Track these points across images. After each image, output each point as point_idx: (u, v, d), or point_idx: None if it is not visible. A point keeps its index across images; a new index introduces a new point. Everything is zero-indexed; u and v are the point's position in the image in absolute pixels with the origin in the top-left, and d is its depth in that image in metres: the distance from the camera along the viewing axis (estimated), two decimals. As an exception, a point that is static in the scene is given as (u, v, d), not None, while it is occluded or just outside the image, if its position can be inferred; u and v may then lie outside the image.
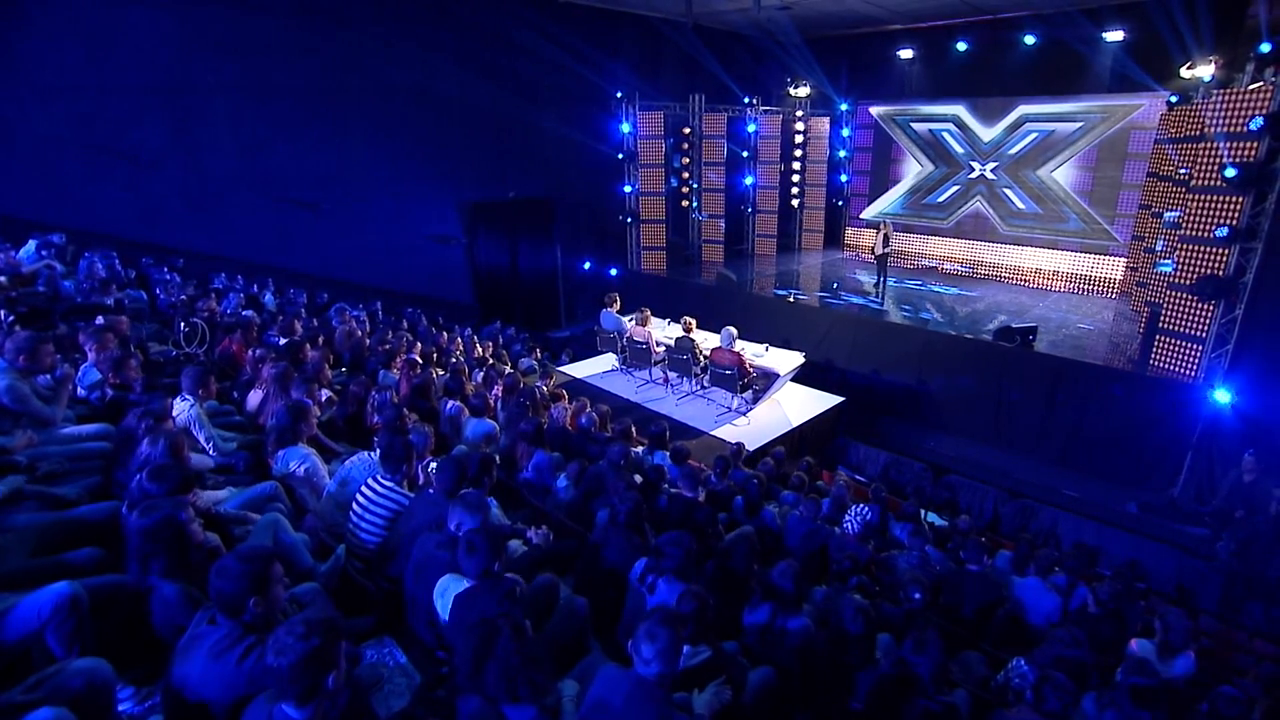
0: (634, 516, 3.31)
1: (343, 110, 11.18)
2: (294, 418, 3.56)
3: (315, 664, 1.68)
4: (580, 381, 9.38)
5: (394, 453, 3.30)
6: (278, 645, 1.68)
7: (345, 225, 11.66)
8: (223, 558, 1.96)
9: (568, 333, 15.17)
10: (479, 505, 2.80)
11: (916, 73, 15.05)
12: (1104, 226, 12.91)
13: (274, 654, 1.67)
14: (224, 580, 1.90)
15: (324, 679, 1.71)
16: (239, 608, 1.90)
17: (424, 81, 11.49)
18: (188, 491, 2.46)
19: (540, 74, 12.81)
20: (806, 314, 11.94)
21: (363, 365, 6.76)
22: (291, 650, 1.66)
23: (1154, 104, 11.93)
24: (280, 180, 11.05)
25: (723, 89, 14.80)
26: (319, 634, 1.69)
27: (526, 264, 14.56)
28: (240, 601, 1.89)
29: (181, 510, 2.18)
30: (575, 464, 4.60)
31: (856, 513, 4.86)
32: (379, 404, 4.69)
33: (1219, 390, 7.71)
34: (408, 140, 11.70)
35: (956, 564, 4.94)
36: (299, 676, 1.67)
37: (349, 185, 11.56)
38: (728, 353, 7.65)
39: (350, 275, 11.91)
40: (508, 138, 12.84)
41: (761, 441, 7.43)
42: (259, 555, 1.99)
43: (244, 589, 1.89)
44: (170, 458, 2.65)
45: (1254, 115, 7.18)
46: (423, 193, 12.06)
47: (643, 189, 14.33)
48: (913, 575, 3.66)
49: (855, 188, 16.79)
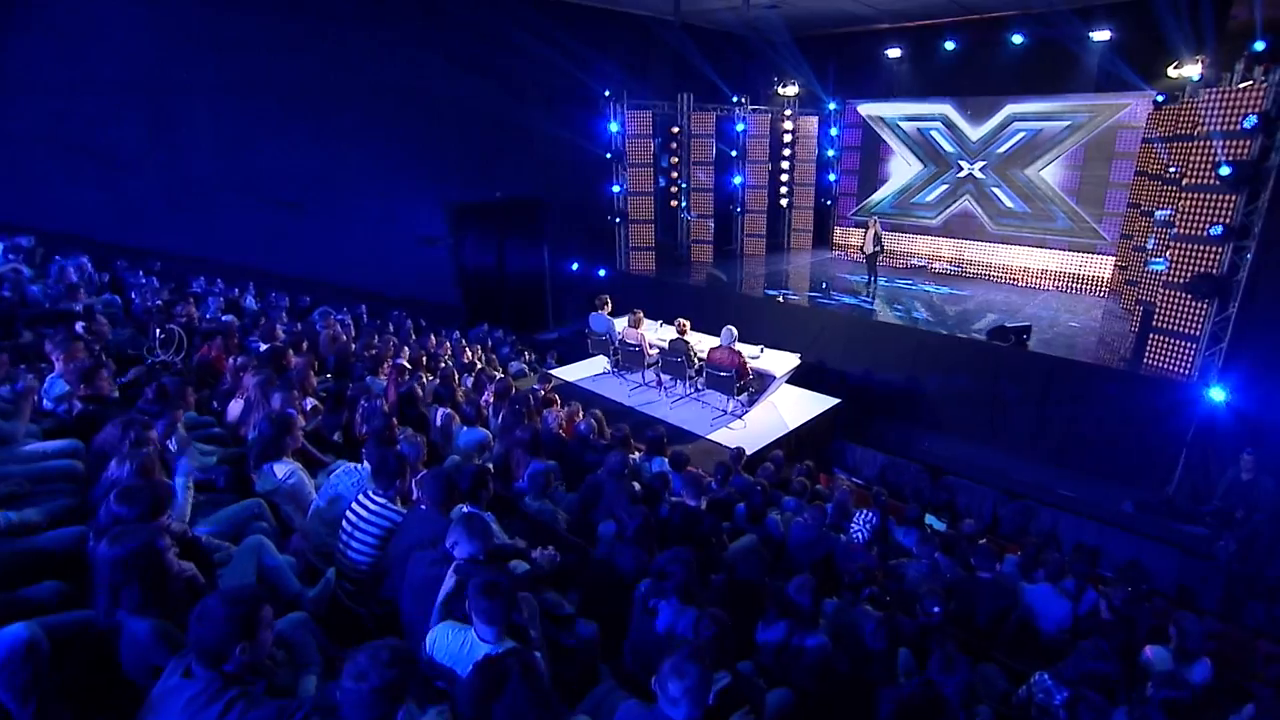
0: (642, 533, 3.15)
1: (328, 109, 10.90)
2: (278, 430, 3.35)
3: (390, 694, 1.66)
4: (572, 385, 9.20)
5: (386, 468, 3.10)
6: (356, 669, 1.65)
7: (329, 226, 11.39)
8: (205, 600, 1.75)
9: (555, 334, 14.97)
10: (482, 532, 2.61)
11: (904, 71, 15.02)
12: (1091, 225, 12.95)
13: (351, 678, 1.64)
14: (206, 626, 1.70)
15: (395, 713, 1.67)
16: (222, 656, 1.70)
17: (410, 79, 11.23)
18: (160, 514, 2.25)
19: (528, 72, 12.61)
20: (798, 314, 11.84)
21: (348, 371, 6.53)
22: (371, 676, 1.64)
23: (1140, 103, 11.98)
24: (263, 180, 10.76)
25: (711, 88, 14.67)
26: (400, 665, 1.68)
27: (513, 265, 14.34)
28: (224, 650, 1.70)
29: (158, 537, 1.98)
30: (540, 467, 4.38)
31: (863, 520, 4.73)
32: (367, 413, 4.48)
33: (1214, 389, 7.70)
34: (393, 139, 11.45)
35: (966, 571, 4.83)
36: (374, 704, 1.64)
37: (333, 185, 11.29)
38: (728, 353, 7.50)
39: (334, 277, 11.63)
40: (495, 137, 12.62)
41: (759, 445, 7.30)
42: (246, 598, 1.79)
43: (229, 635, 1.70)
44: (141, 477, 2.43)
45: (1247, 113, 7.16)
46: (408, 192, 11.81)
47: (631, 189, 14.16)
48: (929, 587, 3.53)
49: (844, 187, 16.74)
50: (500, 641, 2.15)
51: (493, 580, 2.18)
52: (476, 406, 6.05)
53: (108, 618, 1.94)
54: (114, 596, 1.90)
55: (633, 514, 3.22)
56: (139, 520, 2.15)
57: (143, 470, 2.47)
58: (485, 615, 2.14)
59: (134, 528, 2.01)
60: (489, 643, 2.14)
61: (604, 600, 3.18)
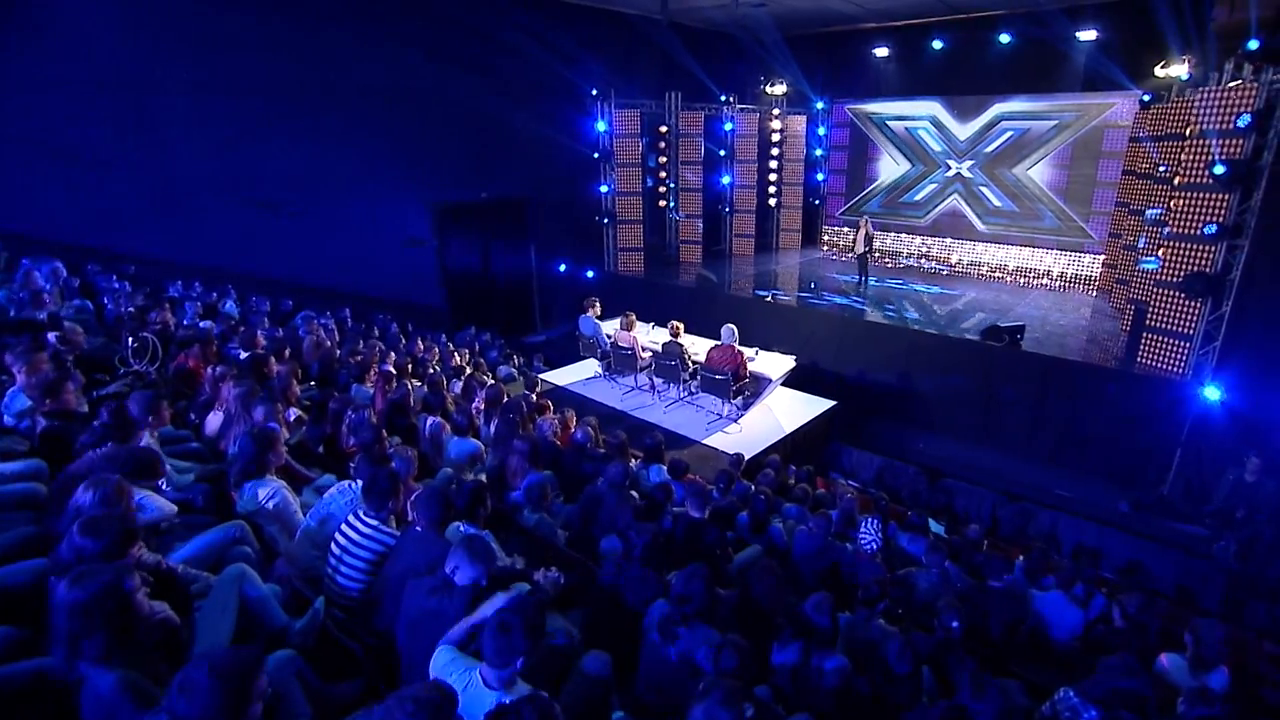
0: (651, 552, 2.97)
1: (311, 108, 10.59)
2: (260, 447, 3.13)
3: None
4: (562, 389, 8.99)
5: (378, 487, 2.89)
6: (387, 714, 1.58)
7: (311, 228, 11.08)
8: (190, 669, 1.51)
9: (543, 337, 14.77)
10: (485, 555, 2.42)
11: (892, 71, 15.00)
12: (1079, 224, 12.99)
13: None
14: (190, 700, 1.48)
15: None
16: (203, 735, 1.48)
17: (395, 78, 10.95)
18: (130, 547, 2.03)
19: (514, 71, 12.37)
20: (790, 315, 11.73)
21: (333, 378, 6.30)
22: None
23: (1127, 103, 12.03)
24: (244, 181, 10.44)
25: (698, 87, 14.54)
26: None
27: (500, 267, 14.10)
28: (207, 729, 1.48)
29: (126, 577, 1.77)
30: (537, 479, 4.19)
31: (871, 528, 4.60)
32: (354, 425, 4.26)
33: (1208, 388, 7.68)
34: (377, 139, 11.16)
35: (975, 578, 4.71)
36: None
37: (315, 186, 10.98)
38: (729, 352, 7.34)
39: (317, 280, 11.32)
40: (481, 136, 12.37)
41: (756, 449, 7.16)
42: (239, 669, 1.56)
43: (216, 711, 1.49)
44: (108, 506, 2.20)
45: (1241, 112, 7.15)
46: (393, 193, 11.53)
47: (619, 189, 13.99)
48: (947, 601, 3.39)
49: (832, 186, 16.69)
50: (510, 689, 1.96)
51: (507, 616, 1.97)
52: (467, 414, 5.84)
53: (67, 668, 1.72)
54: (73, 646, 1.69)
55: (640, 532, 3.05)
56: (105, 555, 1.93)
57: (110, 498, 2.24)
58: (495, 656, 1.94)
59: (98, 567, 1.79)
60: (495, 689, 1.95)
61: (610, 624, 3.00)
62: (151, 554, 2.23)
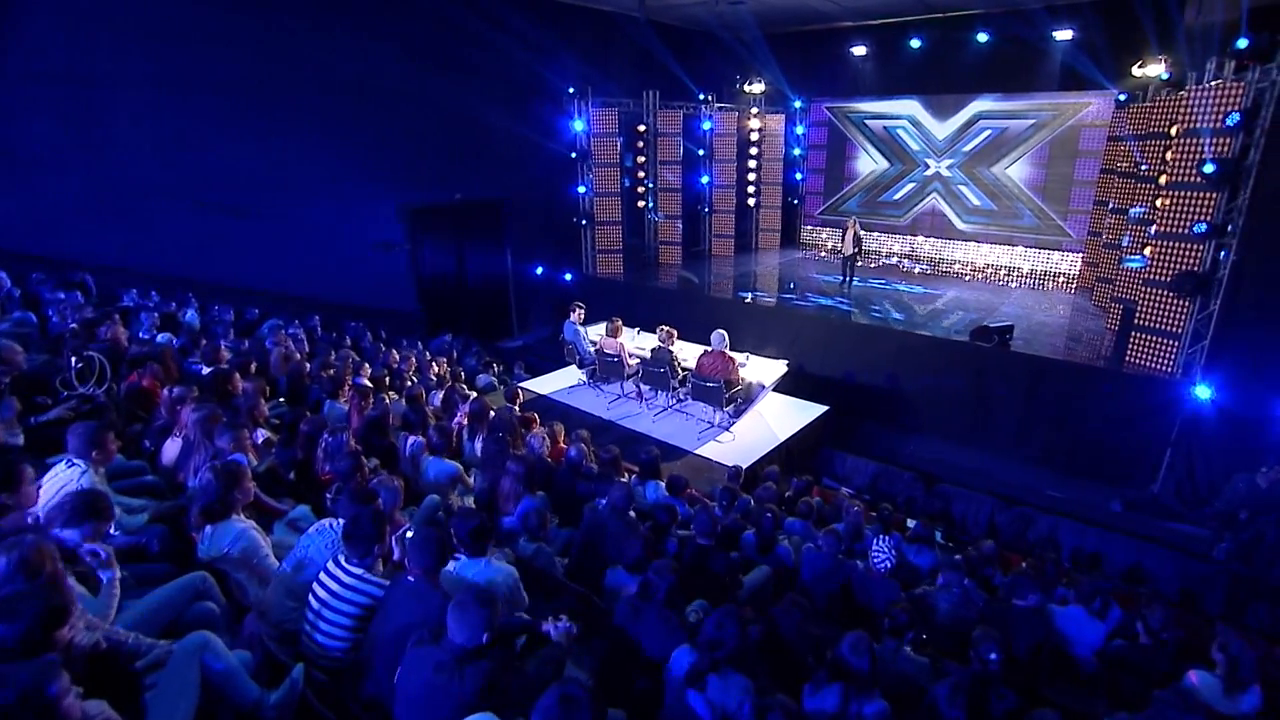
0: (675, 595, 2.68)
1: (274, 105, 10.06)
2: (225, 483, 2.75)
3: None
4: (545, 398, 8.65)
5: (361, 531, 2.54)
6: None
7: (277, 232, 10.55)
8: None
9: (520, 342, 14.38)
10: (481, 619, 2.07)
11: (870, 69, 14.92)
12: (1058, 222, 13.04)
13: None
14: None
15: None
16: None
17: (363, 74, 10.45)
18: (57, 628, 1.65)
19: (488, 68, 11.96)
20: (774, 317, 11.52)
21: (303, 395, 5.88)
22: None
23: (1103, 102, 12.11)
24: (203, 183, 9.88)
25: (676, 86, 14.29)
26: None
27: (474, 270, 13.68)
28: None
29: (50, 679, 1.41)
30: (533, 505, 3.87)
31: (884, 546, 4.37)
32: (330, 449, 3.88)
33: (1200, 386, 7.65)
34: (346, 138, 10.65)
35: (988, 592, 4.51)
36: None
37: (280, 188, 10.45)
38: (720, 358, 7.08)
39: (283, 287, 10.79)
40: (454, 136, 11.94)
41: (752, 459, 6.91)
42: None
43: None
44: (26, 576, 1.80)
45: (1230, 111, 7.12)
46: (362, 195, 11.03)
47: (597, 189, 13.66)
48: (986, 631, 3.16)
49: (810, 186, 16.57)
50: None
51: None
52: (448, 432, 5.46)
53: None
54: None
55: (661, 572, 2.75)
56: (23, 647, 1.55)
57: (30, 566, 1.84)
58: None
59: (12, 670, 1.43)
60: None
61: (625, 672, 2.71)
62: (89, 629, 1.85)
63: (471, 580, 2.93)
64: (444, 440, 4.63)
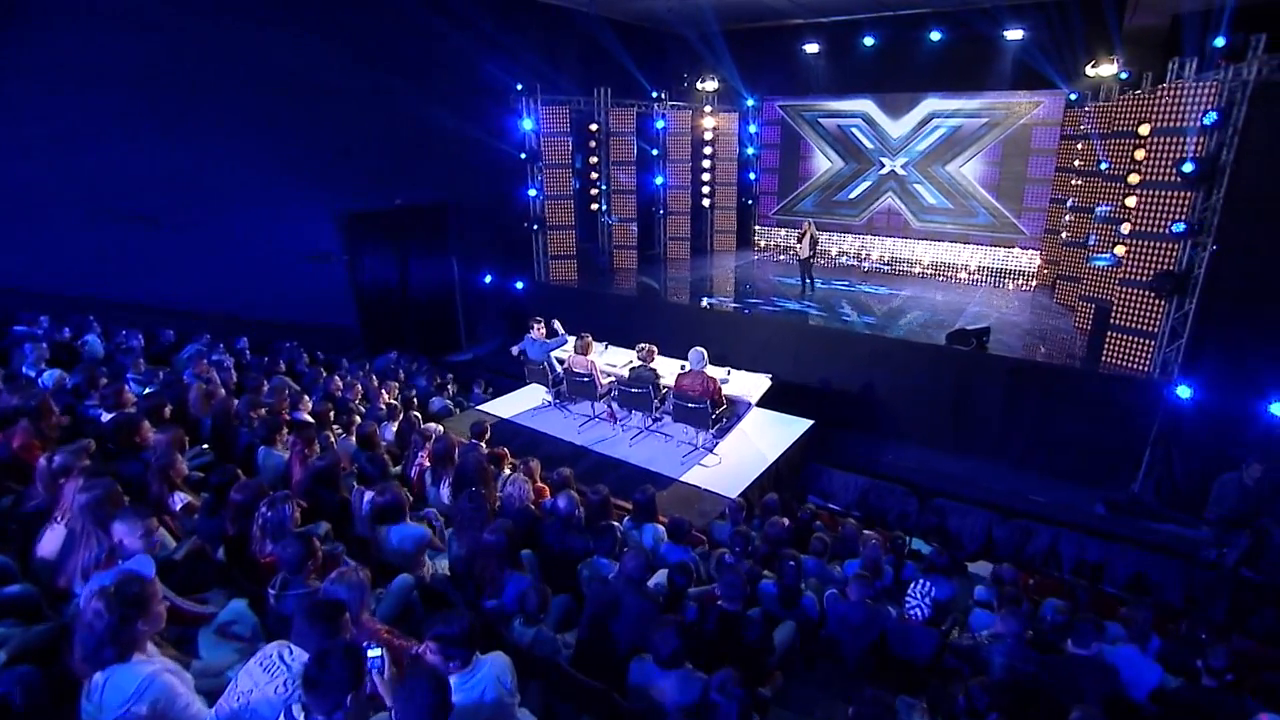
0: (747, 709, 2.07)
1: (188, 101, 8.90)
2: (123, 615, 1.97)
3: None
4: (509, 423, 7.88)
5: (330, 675, 1.82)
6: None
7: (195, 242, 9.42)
8: None
9: (470, 355, 13.52)
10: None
11: (823, 67, 14.72)
12: (1012, 220, 13.11)
13: None
14: None
15: None
16: None
17: (293, 68, 9.33)
18: None
19: (431, 62, 11.05)
20: (741, 324, 11.06)
21: (231, 438, 4.97)
22: None
23: (1053, 101, 12.20)
24: (105, 188, 8.68)
25: (626, 83, 13.70)
26: None
27: (418, 280, 12.72)
28: None
29: None
30: (525, 584, 3.19)
31: (919, 591, 3.89)
32: (270, 525, 3.09)
33: (1181, 387, 7.58)
34: (273, 138, 9.54)
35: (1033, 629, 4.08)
36: None
37: (198, 193, 9.31)
38: (700, 379, 6.50)
39: (204, 304, 9.66)
40: (394, 135, 10.97)
41: (743, 484, 6.36)
42: None
43: None
44: None
45: (1207, 110, 7.03)
46: (293, 200, 9.93)
47: (549, 192, 12.91)
48: (1086, 713, 2.68)
49: (764, 185, 16.25)
50: None
51: None
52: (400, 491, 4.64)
53: None
54: None
55: (728, 691, 2.13)
56: None
57: None
58: None
59: None
60: None
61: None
62: None
63: (466, 704, 2.26)
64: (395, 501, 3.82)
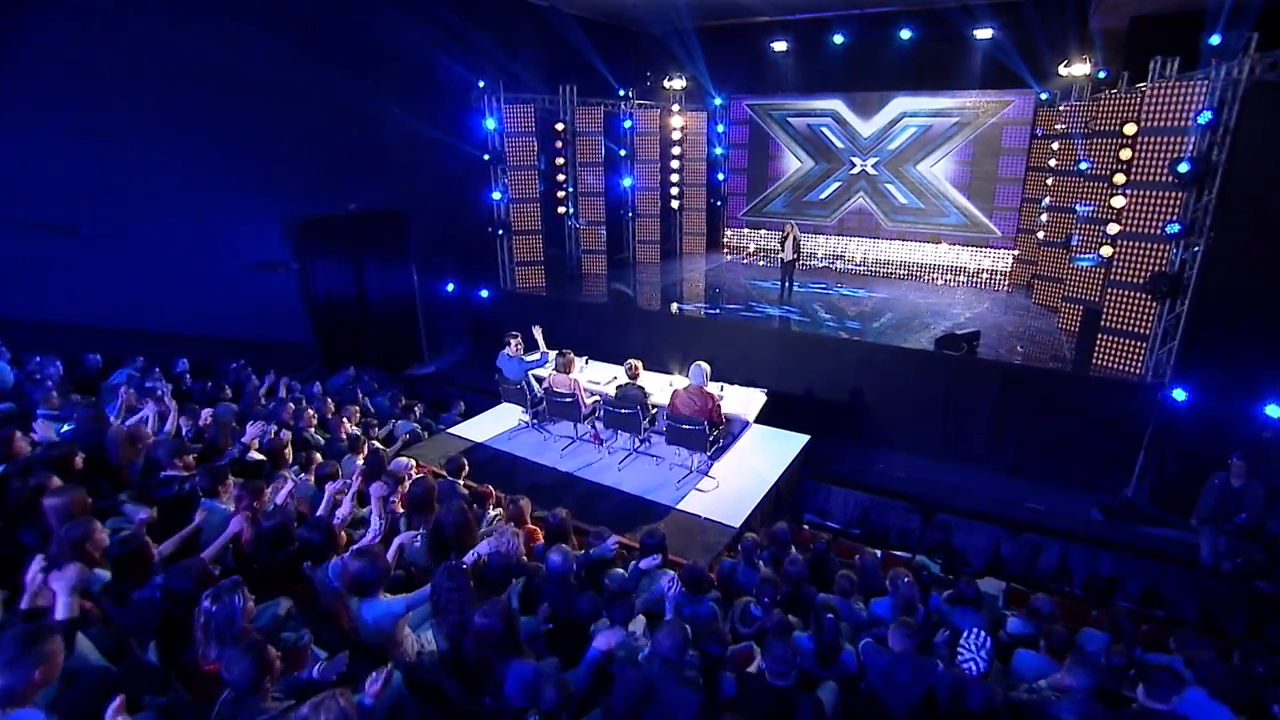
0: None
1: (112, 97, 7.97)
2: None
3: None
4: (484, 447, 7.23)
5: None
6: None
7: (123, 254, 8.48)
8: None
9: (432, 368, 12.75)
10: None
11: (791, 66, 14.44)
12: (983, 219, 13.05)
13: None
14: None
15: None
16: None
17: (231, 62, 8.43)
18: None
19: (386, 57, 10.27)
20: (721, 332, 10.62)
21: (162, 491, 4.21)
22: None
23: (1023, 100, 12.17)
24: (10, 195, 7.72)
25: (593, 81, 13.15)
26: None
27: (376, 290, 11.92)
28: None
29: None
30: (531, 671, 2.62)
31: (973, 642, 3.47)
32: (216, 626, 2.45)
33: (1176, 390, 7.45)
34: (207, 137, 8.64)
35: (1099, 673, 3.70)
36: None
37: (125, 199, 8.39)
38: (699, 396, 5.99)
39: (134, 322, 8.72)
40: (347, 136, 10.13)
41: (745, 511, 5.88)
42: None
43: None
44: None
45: (1201, 109, 6.89)
46: (236, 206, 9.02)
47: (514, 195, 12.26)
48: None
49: (732, 186, 15.90)
50: None
51: None
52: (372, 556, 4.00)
53: None
54: None
55: None
56: None
57: None
58: None
59: None
60: None
61: None
62: None
63: None
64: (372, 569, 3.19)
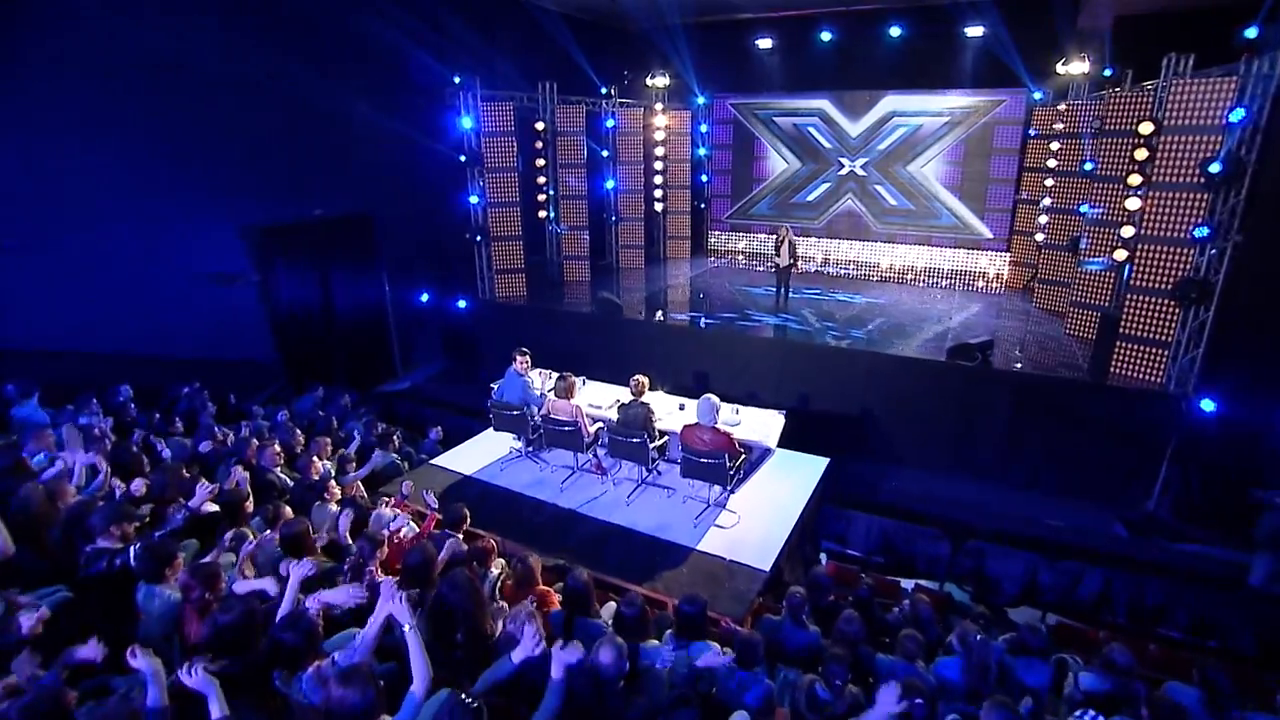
0: None
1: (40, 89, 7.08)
2: None
3: None
4: (471, 480, 6.51)
5: None
6: None
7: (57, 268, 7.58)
8: None
9: (407, 382, 11.96)
10: None
11: (777, 64, 13.96)
12: (974, 221, 12.76)
13: None
14: None
15: None
16: None
17: (179, 53, 7.55)
18: None
19: (349, 48, 9.46)
20: (718, 343, 10.06)
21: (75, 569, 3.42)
22: None
23: (1014, 100, 11.90)
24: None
25: (574, 79, 12.50)
26: None
27: (344, 302, 11.09)
28: None
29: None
30: None
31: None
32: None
33: (1204, 401, 7.12)
34: (153, 137, 7.74)
35: None
36: None
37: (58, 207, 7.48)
38: (711, 435, 5.38)
39: (70, 342, 7.80)
40: (310, 135, 9.28)
41: (775, 549, 5.26)
42: None
43: None
44: None
45: (1232, 107, 6.55)
46: (186, 213, 8.13)
47: (492, 199, 11.53)
48: None
49: (716, 188, 15.38)
50: None
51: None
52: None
53: None
54: None
55: None
56: None
57: None
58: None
59: None
60: None
61: None
62: None
63: None
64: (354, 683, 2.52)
